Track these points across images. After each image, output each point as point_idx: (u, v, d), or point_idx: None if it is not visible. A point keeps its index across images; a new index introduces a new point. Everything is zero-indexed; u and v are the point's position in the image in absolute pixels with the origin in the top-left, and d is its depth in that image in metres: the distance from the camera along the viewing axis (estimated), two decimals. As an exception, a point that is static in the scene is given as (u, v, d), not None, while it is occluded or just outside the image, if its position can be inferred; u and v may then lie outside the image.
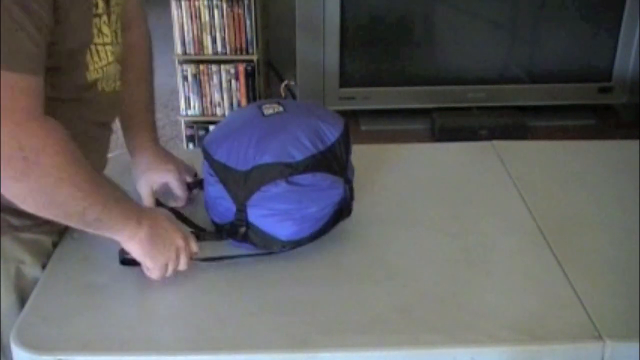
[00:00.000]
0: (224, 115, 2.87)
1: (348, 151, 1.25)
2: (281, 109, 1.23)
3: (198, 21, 2.73)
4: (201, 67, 2.81)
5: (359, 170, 1.29)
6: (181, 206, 1.34)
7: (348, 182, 1.24)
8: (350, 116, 2.62)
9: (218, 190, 1.21)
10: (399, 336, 1.06)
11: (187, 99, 2.86)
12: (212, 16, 2.73)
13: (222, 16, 2.73)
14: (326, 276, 1.19)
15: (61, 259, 1.21)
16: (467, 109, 2.69)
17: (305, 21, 2.55)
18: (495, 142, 1.65)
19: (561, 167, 1.56)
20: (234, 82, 2.84)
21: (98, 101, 1.17)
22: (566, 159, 1.61)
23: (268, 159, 1.15)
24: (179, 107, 2.90)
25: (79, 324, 1.07)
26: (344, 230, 1.28)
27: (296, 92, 2.76)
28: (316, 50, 2.58)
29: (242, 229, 1.19)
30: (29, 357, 1.02)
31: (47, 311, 1.10)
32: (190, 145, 2.91)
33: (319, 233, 1.22)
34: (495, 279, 1.19)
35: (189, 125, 2.92)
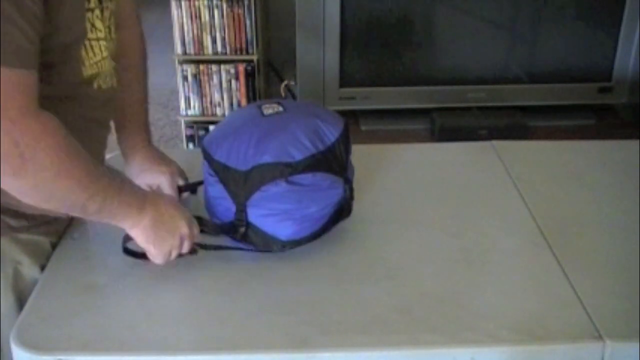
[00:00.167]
0: (224, 115, 2.86)
1: (348, 151, 1.25)
2: (281, 109, 1.23)
3: (198, 21, 2.73)
4: (201, 67, 2.81)
5: (359, 170, 1.29)
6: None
7: (348, 182, 1.24)
8: (350, 116, 2.62)
9: (218, 190, 1.21)
10: (399, 336, 1.06)
11: (187, 99, 2.86)
12: (212, 16, 2.73)
13: (222, 16, 2.73)
14: (326, 276, 1.19)
15: (61, 260, 1.21)
16: (467, 109, 2.69)
17: (305, 21, 2.55)
18: (495, 142, 1.65)
19: (561, 167, 1.56)
20: (234, 82, 2.84)
21: (95, 98, 1.17)
22: (566, 159, 1.61)
23: (268, 158, 1.15)
24: (179, 107, 2.90)
25: (79, 324, 1.07)
26: (344, 230, 1.28)
27: (296, 92, 2.76)
28: (316, 50, 2.58)
29: (242, 228, 1.19)
30: (29, 357, 1.02)
31: (47, 311, 1.10)
32: (190, 145, 2.91)
33: (319, 233, 1.22)
34: (495, 279, 1.19)
35: (189, 125, 2.92)
